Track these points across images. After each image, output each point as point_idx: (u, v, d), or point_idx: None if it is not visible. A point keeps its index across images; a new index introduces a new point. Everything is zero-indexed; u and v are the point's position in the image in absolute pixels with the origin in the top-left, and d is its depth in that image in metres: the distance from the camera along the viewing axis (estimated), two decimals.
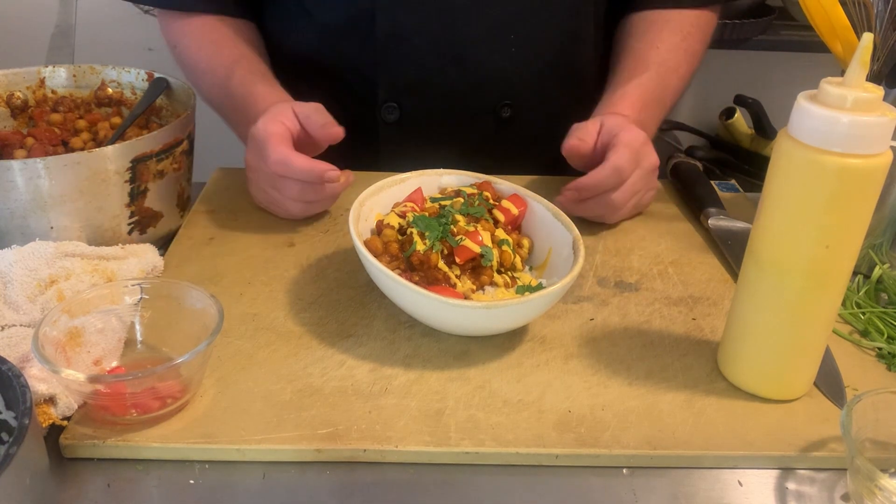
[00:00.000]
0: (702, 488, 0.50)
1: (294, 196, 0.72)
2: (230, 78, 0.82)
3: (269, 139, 0.70)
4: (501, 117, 0.89)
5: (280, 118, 0.72)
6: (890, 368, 0.60)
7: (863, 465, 0.46)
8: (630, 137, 0.73)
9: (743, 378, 0.56)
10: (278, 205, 0.74)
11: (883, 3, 0.66)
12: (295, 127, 0.72)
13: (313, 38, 0.88)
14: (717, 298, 0.67)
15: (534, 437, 0.51)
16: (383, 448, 0.50)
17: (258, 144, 0.71)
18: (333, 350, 0.59)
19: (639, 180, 0.74)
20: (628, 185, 0.73)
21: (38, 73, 0.79)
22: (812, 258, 0.50)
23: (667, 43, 0.87)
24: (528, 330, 0.62)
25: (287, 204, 0.74)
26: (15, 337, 0.55)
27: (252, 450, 0.50)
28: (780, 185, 0.50)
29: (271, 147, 0.70)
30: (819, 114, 0.47)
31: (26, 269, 0.59)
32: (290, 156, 0.69)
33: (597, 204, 0.74)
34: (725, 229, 0.76)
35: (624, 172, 0.72)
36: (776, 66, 1.62)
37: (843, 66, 0.70)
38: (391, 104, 0.87)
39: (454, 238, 0.61)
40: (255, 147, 0.72)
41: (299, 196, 0.72)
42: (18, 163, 0.60)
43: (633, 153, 0.72)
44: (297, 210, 0.74)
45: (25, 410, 0.40)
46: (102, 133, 0.77)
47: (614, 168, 0.71)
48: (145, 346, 0.56)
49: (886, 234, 0.70)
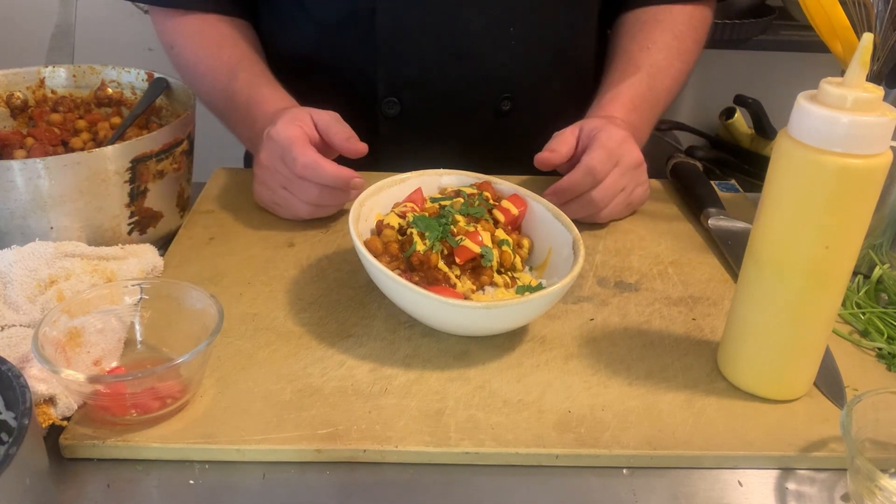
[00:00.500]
0: (702, 488, 0.50)
1: (311, 199, 0.72)
2: (233, 79, 0.82)
3: (295, 143, 0.70)
4: (501, 111, 0.89)
5: (298, 123, 0.72)
6: (890, 368, 0.60)
7: (863, 465, 0.46)
8: (605, 137, 0.73)
9: (743, 378, 0.56)
10: (287, 205, 0.74)
11: (883, 3, 0.66)
12: (313, 134, 0.73)
13: (311, 34, 0.87)
14: (717, 298, 0.67)
15: (534, 437, 0.51)
16: (383, 448, 0.50)
17: (279, 147, 0.71)
18: (333, 350, 0.59)
19: (619, 178, 0.74)
20: (608, 184, 0.74)
21: (38, 73, 0.79)
22: (812, 258, 0.50)
23: (658, 43, 0.87)
24: (528, 330, 0.62)
25: (297, 206, 0.73)
26: (15, 337, 0.55)
27: (252, 450, 0.50)
28: (780, 185, 0.50)
29: (298, 150, 0.70)
30: (819, 114, 0.47)
31: (26, 270, 0.59)
32: (319, 161, 0.70)
33: (579, 205, 0.75)
34: (725, 229, 0.76)
35: (598, 172, 0.72)
36: (776, 66, 1.62)
37: (843, 66, 0.70)
38: (391, 99, 0.87)
39: (454, 238, 0.61)
40: (273, 149, 0.72)
41: (316, 199, 0.72)
42: (18, 163, 0.60)
43: (607, 153, 0.73)
44: (306, 212, 0.74)
45: (25, 411, 0.40)
46: (102, 133, 0.77)
47: (587, 169, 0.72)
48: (145, 347, 0.56)
49: (886, 234, 0.70)
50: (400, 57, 0.85)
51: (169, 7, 0.87)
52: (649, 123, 0.86)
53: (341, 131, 0.73)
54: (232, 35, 0.87)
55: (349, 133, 0.73)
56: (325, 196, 0.72)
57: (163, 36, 0.89)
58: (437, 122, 0.89)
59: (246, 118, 0.80)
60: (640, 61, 0.86)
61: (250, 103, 0.80)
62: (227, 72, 0.83)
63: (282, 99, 0.79)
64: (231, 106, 0.83)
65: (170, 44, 0.88)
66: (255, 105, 0.79)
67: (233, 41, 0.86)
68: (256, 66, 0.84)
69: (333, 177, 0.70)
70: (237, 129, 0.85)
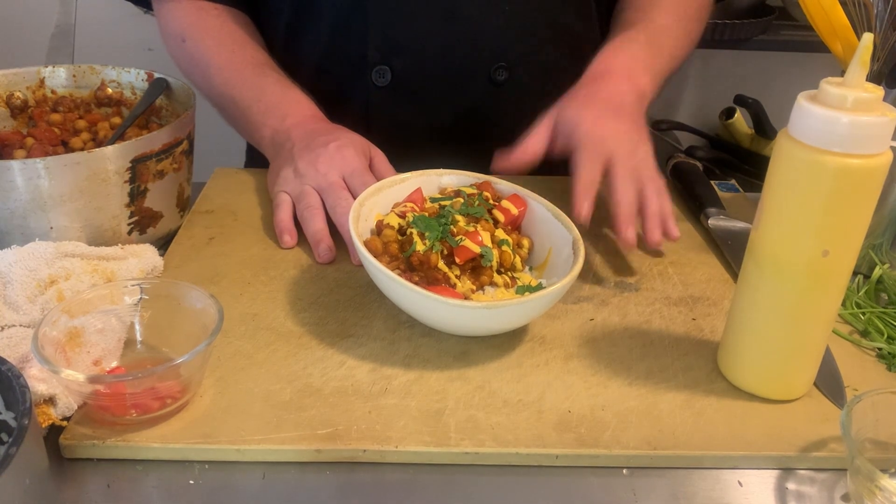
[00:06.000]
0: (702, 488, 0.50)
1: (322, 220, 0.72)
2: (263, 76, 0.82)
3: (366, 171, 0.72)
4: (496, 80, 0.87)
5: (363, 153, 0.74)
6: (890, 368, 0.60)
7: (863, 465, 0.46)
8: (584, 134, 0.68)
9: (743, 378, 0.56)
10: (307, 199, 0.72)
11: (883, 3, 0.66)
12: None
13: (300, 3, 0.86)
14: (717, 298, 0.67)
15: (534, 437, 0.51)
16: (383, 448, 0.50)
17: (349, 165, 0.72)
18: (333, 350, 0.59)
19: (620, 150, 0.68)
20: (619, 162, 0.68)
21: (37, 73, 0.79)
22: (812, 258, 0.50)
23: (657, 6, 0.85)
24: (528, 330, 0.62)
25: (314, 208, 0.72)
26: (15, 337, 0.55)
27: (252, 450, 0.50)
28: (780, 186, 0.50)
29: (368, 177, 0.71)
30: (819, 114, 0.47)
31: (26, 270, 0.59)
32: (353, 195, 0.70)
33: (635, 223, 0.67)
34: (725, 229, 0.76)
35: (595, 172, 0.67)
36: (776, 66, 1.62)
37: (843, 66, 0.70)
38: (382, 67, 0.85)
39: (454, 238, 0.61)
40: (341, 158, 0.72)
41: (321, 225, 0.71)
42: (18, 163, 0.60)
43: (594, 151, 0.68)
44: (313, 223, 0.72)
45: (25, 411, 0.40)
46: (102, 133, 0.77)
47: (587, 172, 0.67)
48: (145, 347, 0.56)
49: (886, 234, 0.70)
50: (391, 19, 0.83)
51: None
52: (656, 72, 0.80)
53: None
54: (249, 31, 0.86)
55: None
56: (322, 231, 0.70)
57: (171, 25, 0.88)
58: (430, 91, 0.87)
59: (274, 111, 0.80)
60: (634, 20, 0.84)
61: (281, 101, 0.80)
62: (255, 69, 0.82)
63: (309, 106, 0.80)
64: (255, 96, 0.81)
65: (181, 36, 0.87)
66: (288, 104, 0.80)
67: (253, 40, 0.86)
68: (275, 62, 0.84)
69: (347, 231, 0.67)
70: (251, 125, 0.82)
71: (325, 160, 0.72)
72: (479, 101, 0.88)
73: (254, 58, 0.84)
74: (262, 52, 0.86)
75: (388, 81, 0.86)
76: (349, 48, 0.86)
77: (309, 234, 0.71)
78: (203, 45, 0.85)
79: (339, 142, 0.74)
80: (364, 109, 0.87)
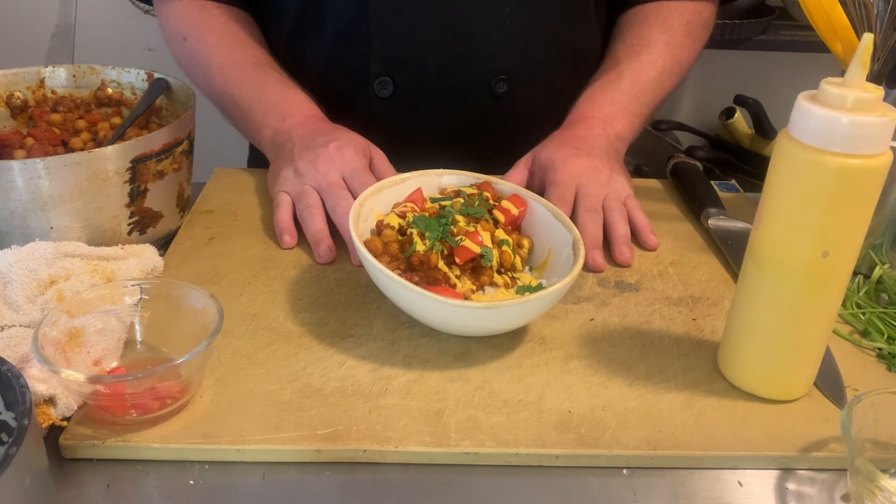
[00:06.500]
0: (702, 488, 0.50)
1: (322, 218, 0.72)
2: (264, 75, 0.82)
3: (366, 171, 0.72)
4: (496, 93, 0.88)
5: (363, 152, 0.75)
6: (890, 368, 0.60)
7: (863, 465, 0.46)
8: (561, 177, 0.73)
9: (743, 378, 0.56)
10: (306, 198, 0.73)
11: (883, 3, 0.66)
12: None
13: (303, 12, 0.86)
14: (717, 298, 0.67)
15: (534, 437, 0.51)
16: (383, 448, 0.50)
17: (349, 165, 0.72)
18: (333, 350, 0.59)
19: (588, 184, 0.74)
20: (586, 195, 0.73)
21: (37, 73, 0.79)
22: (812, 258, 0.50)
23: (644, 39, 0.87)
24: (528, 330, 0.62)
25: (314, 208, 0.72)
26: (15, 337, 0.55)
27: (252, 450, 0.50)
28: (780, 186, 0.50)
29: (368, 177, 0.71)
30: (819, 114, 0.47)
31: (26, 270, 0.59)
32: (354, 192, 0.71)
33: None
34: (725, 229, 0.76)
35: (566, 208, 0.71)
36: (776, 66, 1.62)
37: (843, 66, 0.70)
38: (384, 79, 0.86)
39: (454, 238, 0.61)
40: (340, 159, 0.73)
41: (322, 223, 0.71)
42: (18, 163, 0.60)
43: (564, 187, 0.73)
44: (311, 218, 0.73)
45: (25, 411, 0.40)
46: (102, 133, 0.77)
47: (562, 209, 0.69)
48: (145, 347, 0.56)
49: (886, 235, 0.70)
50: (393, 33, 0.84)
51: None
52: (633, 114, 0.84)
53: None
54: (251, 30, 0.87)
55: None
56: (322, 231, 0.71)
57: (172, 23, 0.88)
58: (431, 102, 0.88)
59: (275, 111, 0.80)
60: (621, 57, 0.85)
61: (282, 101, 0.80)
62: (255, 68, 0.82)
63: (310, 107, 0.81)
64: (256, 96, 0.82)
65: (182, 34, 0.87)
66: (289, 104, 0.80)
67: (255, 39, 0.86)
68: (276, 62, 0.84)
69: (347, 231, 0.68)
70: (252, 124, 0.83)
71: (325, 160, 0.73)
72: (479, 113, 0.89)
73: (255, 57, 0.84)
74: (263, 51, 0.86)
75: (390, 93, 0.87)
76: (351, 60, 0.86)
77: (309, 234, 0.71)
78: (204, 43, 0.85)
79: (340, 142, 0.74)
80: (367, 118, 0.88)
